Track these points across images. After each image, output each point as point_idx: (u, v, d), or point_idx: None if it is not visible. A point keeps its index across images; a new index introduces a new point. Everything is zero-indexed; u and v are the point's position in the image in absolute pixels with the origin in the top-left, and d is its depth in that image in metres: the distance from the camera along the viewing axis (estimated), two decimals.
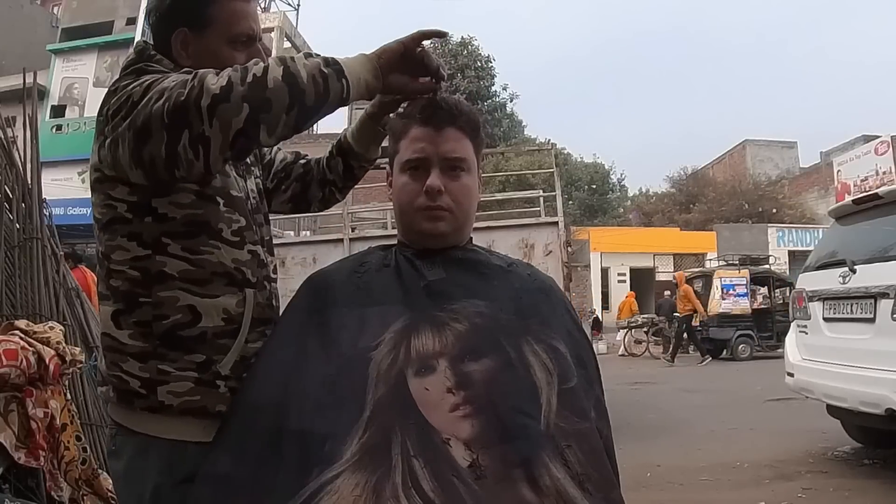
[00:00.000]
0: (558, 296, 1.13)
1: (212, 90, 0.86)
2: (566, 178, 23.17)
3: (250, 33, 1.09)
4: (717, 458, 4.40)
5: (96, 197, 1.04)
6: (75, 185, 15.62)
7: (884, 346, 3.51)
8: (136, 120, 0.90)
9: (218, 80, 0.87)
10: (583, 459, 0.91)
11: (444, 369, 0.94)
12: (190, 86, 0.87)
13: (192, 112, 0.86)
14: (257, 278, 1.10)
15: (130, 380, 1.02)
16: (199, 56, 1.06)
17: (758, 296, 13.61)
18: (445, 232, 1.09)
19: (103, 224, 1.04)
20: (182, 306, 1.01)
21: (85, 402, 2.61)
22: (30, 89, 3.01)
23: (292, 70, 0.89)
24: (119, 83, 0.98)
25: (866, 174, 20.22)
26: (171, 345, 1.01)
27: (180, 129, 0.86)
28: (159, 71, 0.99)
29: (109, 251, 1.03)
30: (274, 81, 0.87)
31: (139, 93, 0.92)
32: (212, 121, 0.85)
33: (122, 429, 1.04)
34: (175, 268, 1.02)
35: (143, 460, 1.01)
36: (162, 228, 1.01)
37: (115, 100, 0.95)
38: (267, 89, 0.87)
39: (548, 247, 5.35)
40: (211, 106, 0.85)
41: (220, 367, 1.03)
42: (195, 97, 0.86)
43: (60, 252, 2.97)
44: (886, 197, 4.05)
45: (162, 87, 0.90)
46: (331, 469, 0.86)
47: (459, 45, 24.74)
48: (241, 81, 0.86)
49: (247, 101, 0.86)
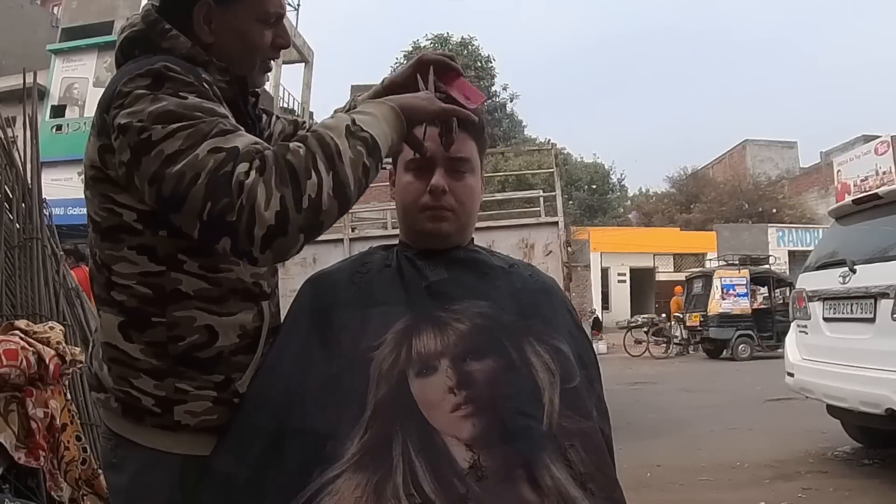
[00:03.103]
0: (560, 296, 1.14)
1: (266, 220, 0.77)
2: (566, 178, 23.15)
3: (281, 11, 1.01)
4: (717, 458, 4.40)
5: (93, 196, 0.94)
6: (75, 185, 15.61)
7: (884, 346, 3.51)
8: (163, 187, 0.81)
9: (271, 204, 0.77)
10: (586, 458, 0.91)
11: (446, 369, 0.94)
12: (238, 203, 0.77)
13: (242, 235, 0.78)
14: (271, 288, 1.06)
15: (143, 397, 0.94)
16: (223, 33, 0.97)
17: (758, 296, 13.63)
18: (448, 232, 1.09)
19: (103, 229, 0.94)
20: (199, 326, 0.95)
21: (85, 402, 2.60)
22: (30, 89, 3.01)
23: (342, 179, 0.83)
24: (131, 84, 0.86)
25: (866, 174, 20.23)
26: (188, 364, 0.95)
27: (221, 235, 0.79)
28: (177, 77, 0.87)
29: (111, 261, 0.94)
30: (328, 201, 0.81)
31: (160, 134, 0.81)
32: (265, 250, 0.79)
33: (123, 440, 0.98)
34: (192, 286, 0.94)
35: (152, 475, 0.96)
36: (179, 244, 0.92)
37: (126, 111, 0.84)
38: (322, 213, 0.81)
39: (548, 247, 5.35)
40: (266, 237, 0.78)
41: (238, 386, 0.98)
42: (246, 222, 0.77)
43: (60, 252, 2.97)
44: (886, 197, 4.05)
45: (196, 160, 0.79)
46: (331, 469, 0.86)
47: (459, 45, 24.79)
48: (297, 207, 0.79)
49: (303, 232, 0.81)
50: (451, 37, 25.19)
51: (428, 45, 24.60)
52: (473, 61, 24.56)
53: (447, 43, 24.66)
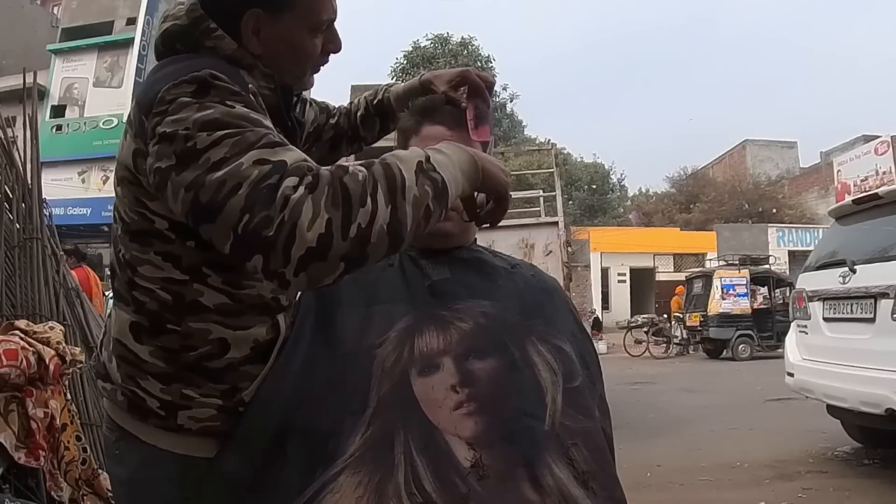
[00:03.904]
0: (561, 297, 1.14)
1: (307, 241, 0.72)
2: (566, 178, 23.18)
3: (333, 16, 0.97)
4: (717, 458, 4.40)
5: (126, 196, 0.91)
6: (75, 185, 15.65)
7: (884, 346, 3.52)
8: (200, 194, 0.77)
9: (315, 225, 0.72)
10: (588, 457, 0.91)
11: (448, 368, 0.94)
12: (279, 218, 0.72)
13: (277, 254, 0.73)
14: (289, 300, 1.03)
15: (148, 398, 0.94)
16: (272, 43, 0.93)
17: (758, 296, 13.63)
18: (452, 232, 1.09)
19: (133, 231, 0.92)
20: (213, 339, 0.93)
21: (85, 402, 2.61)
22: (30, 89, 3.01)
23: (400, 216, 0.76)
24: (175, 90, 0.82)
25: (866, 174, 20.25)
26: (196, 372, 0.94)
27: (254, 252, 0.75)
28: (223, 86, 0.84)
29: (137, 262, 0.92)
30: (378, 235, 0.75)
31: (205, 142, 0.78)
32: (299, 273, 0.74)
33: (126, 433, 0.97)
34: (212, 300, 0.92)
35: (152, 471, 0.96)
36: (205, 257, 0.90)
37: (170, 119, 0.81)
38: (369, 245, 0.75)
39: (548, 247, 5.36)
40: (304, 259, 0.73)
41: (245, 395, 0.96)
42: (285, 240, 0.72)
43: (60, 252, 2.97)
44: (886, 197, 4.05)
45: (240, 170, 0.75)
46: (333, 466, 0.86)
47: (459, 45, 24.78)
48: (343, 234, 0.73)
49: (344, 261, 0.75)
50: (451, 37, 25.19)
51: (428, 45, 24.61)
52: (473, 61, 24.51)
53: (447, 43, 24.65)
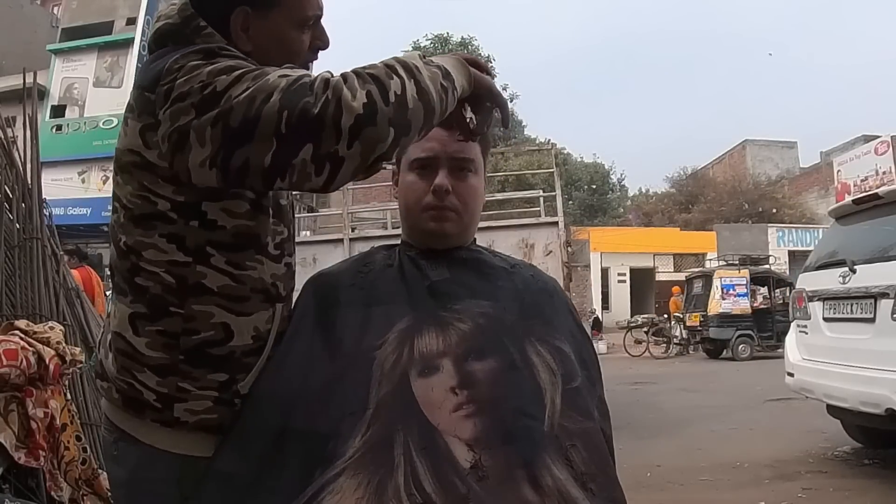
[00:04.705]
0: (561, 297, 1.14)
1: (354, 109, 0.76)
2: (566, 178, 23.18)
3: (319, 13, 0.99)
4: (717, 458, 4.40)
5: (128, 183, 0.92)
6: (75, 185, 15.63)
7: (884, 346, 3.52)
8: (230, 118, 0.78)
9: (357, 96, 0.77)
10: (587, 458, 0.91)
11: (448, 369, 0.94)
12: (322, 98, 0.76)
13: (328, 129, 0.76)
14: (286, 292, 1.04)
15: (144, 391, 0.94)
16: (261, 40, 0.96)
17: (758, 296, 13.65)
18: (451, 232, 1.09)
19: (136, 216, 0.93)
20: (216, 323, 0.94)
21: (85, 402, 2.61)
22: (30, 89, 3.01)
23: (423, 86, 0.82)
24: (182, 60, 0.85)
25: (866, 174, 20.24)
26: (195, 362, 0.94)
27: (303, 142, 0.76)
28: (229, 52, 0.88)
29: (141, 247, 0.93)
30: (413, 101, 0.80)
31: (225, 82, 0.80)
32: (352, 143, 0.77)
33: (124, 434, 0.98)
34: (216, 282, 0.93)
35: (151, 471, 0.96)
36: (208, 236, 0.92)
37: (182, 80, 0.82)
38: (409, 110, 0.80)
39: (548, 247, 5.36)
40: (355, 127, 0.76)
41: (240, 387, 0.97)
42: (332, 113, 0.75)
43: (60, 252, 2.97)
44: (886, 197, 4.06)
45: (267, 83, 0.78)
46: (333, 467, 0.86)
47: (459, 45, 24.76)
48: (384, 100, 0.77)
49: (392, 126, 0.78)
50: (451, 37, 25.19)
51: (428, 44, 24.59)
52: None
53: (447, 43, 24.65)
